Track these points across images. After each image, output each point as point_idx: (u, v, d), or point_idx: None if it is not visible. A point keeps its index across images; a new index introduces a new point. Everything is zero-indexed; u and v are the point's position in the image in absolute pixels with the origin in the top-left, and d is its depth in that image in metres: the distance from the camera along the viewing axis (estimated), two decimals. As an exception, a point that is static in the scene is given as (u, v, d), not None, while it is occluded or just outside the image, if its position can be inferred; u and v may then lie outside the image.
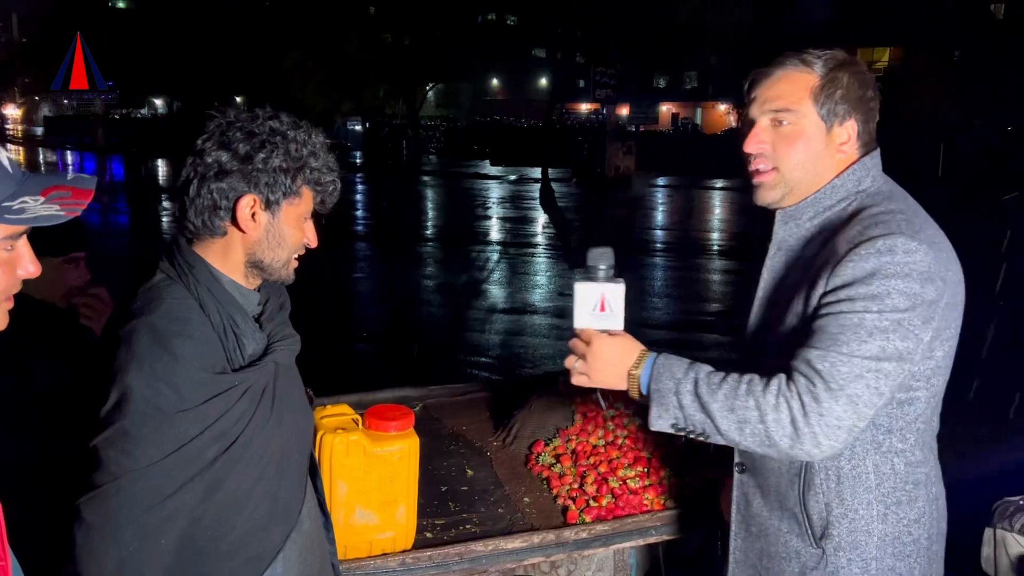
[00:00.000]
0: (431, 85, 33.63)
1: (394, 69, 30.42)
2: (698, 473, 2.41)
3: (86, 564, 1.32)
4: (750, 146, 1.56)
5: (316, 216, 1.55)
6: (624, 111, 31.96)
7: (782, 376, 1.40)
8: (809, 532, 1.54)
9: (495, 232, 15.72)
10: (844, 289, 1.40)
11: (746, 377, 1.42)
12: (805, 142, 1.54)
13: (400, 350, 7.20)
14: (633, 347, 1.54)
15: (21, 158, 33.92)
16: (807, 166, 1.55)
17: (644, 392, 1.51)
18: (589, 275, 1.50)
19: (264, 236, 1.46)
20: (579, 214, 18.50)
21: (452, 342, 7.46)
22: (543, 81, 41.88)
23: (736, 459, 1.67)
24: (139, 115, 45.10)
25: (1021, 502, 2.27)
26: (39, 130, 46.90)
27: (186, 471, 1.36)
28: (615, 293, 1.49)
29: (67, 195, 1.05)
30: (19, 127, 53.45)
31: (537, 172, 24.74)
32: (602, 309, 1.50)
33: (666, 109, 46.31)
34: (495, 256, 12.50)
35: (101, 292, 2.15)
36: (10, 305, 1.06)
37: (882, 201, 1.52)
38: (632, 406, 2.76)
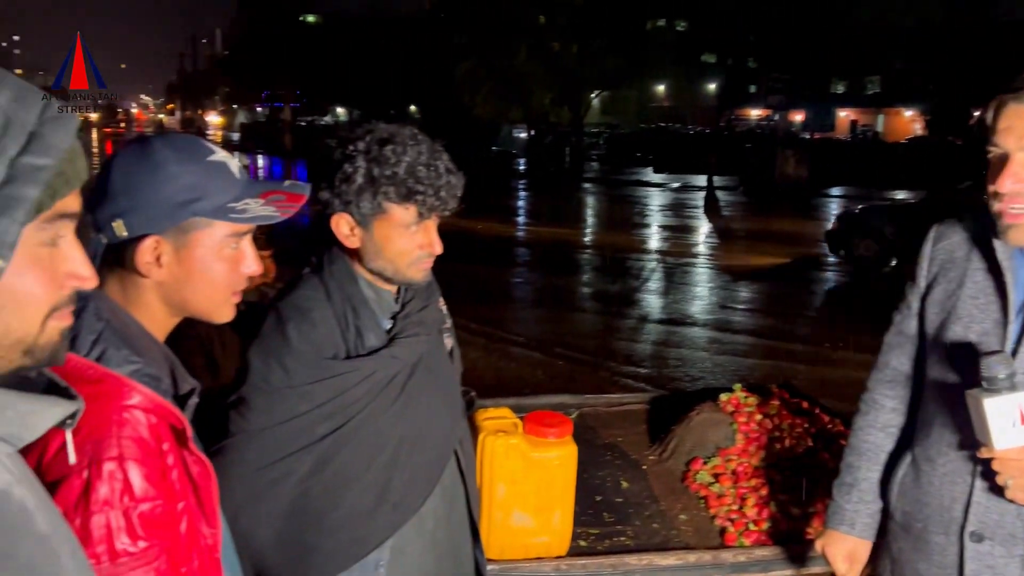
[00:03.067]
0: (596, 92, 33.67)
1: (561, 77, 30.73)
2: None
3: None
4: (1005, 184, 1.37)
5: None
6: (798, 117, 30.55)
7: None
8: None
9: (654, 240, 15.51)
10: None
11: None
12: None
13: (554, 356, 7.27)
14: None
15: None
16: None
17: None
18: (992, 387, 1.32)
19: (365, 248, 1.55)
20: (744, 224, 17.93)
21: (606, 350, 7.43)
22: (712, 87, 40.78)
23: (970, 528, 1.49)
24: (322, 122, 48.20)
25: None
26: (235, 136, 51.26)
27: (294, 442, 1.51)
28: None
29: (282, 199, 1.17)
30: (219, 133, 58.76)
31: (702, 180, 24.18)
32: (1023, 422, 1.31)
33: (844, 115, 43.90)
34: (653, 265, 12.34)
35: None
36: (237, 299, 1.19)
37: None
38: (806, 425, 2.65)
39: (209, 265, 1.12)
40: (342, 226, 1.55)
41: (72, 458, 0.92)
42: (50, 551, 0.73)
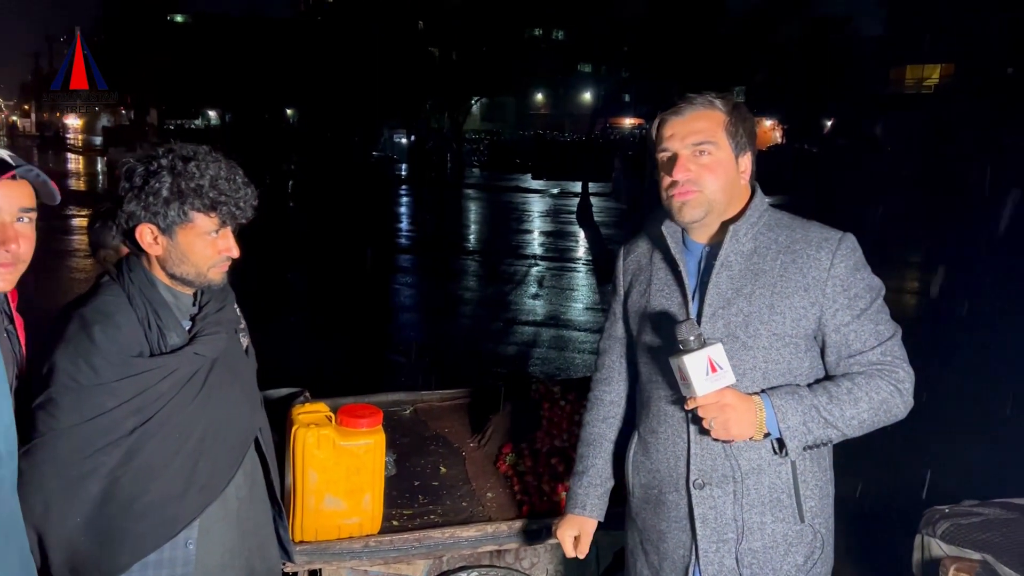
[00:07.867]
0: (476, 99, 34.05)
1: (440, 83, 30.88)
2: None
3: (21, 504, 1.59)
4: (679, 174, 1.73)
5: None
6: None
7: (869, 377, 1.69)
8: (797, 514, 1.74)
9: (530, 246, 15.95)
10: (849, 291, 1.70)
11: (844, 386, 1.68)
12: (723, 169, 1.74)
13: (418, 358, 7.46)
14: (747, 396, 1.66)
15: (80, 168, 35.23)
16: (725, 189, 1.75)
17: (769, 431, 1.66)
18: (687, 348, 1.60)
19: (169, 254, 1.72)
20: (615, 229, 18.65)
21: (474, 351, 7.69)
22: (587, 96, 41.88)
23: (693, 478, 1.75)
24: (193, 126, 46.32)
25: (947, 511, 2.40)
26: (98, 140, 48.58)
27: (104, 437, 1.64)
28: (718, 352, 1.60)
29: None
30: (80, 137, 55.53)
31: (579, 186, 24.91)
32: (713, 370, 1.60)
33: (711, 124, 45.96)
34: (527, 269, 12.73)
35: None
36: None
37: (780, 212, 1.81)
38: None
39: None
40: (146, 235, 1.70)
41: None
42: None
